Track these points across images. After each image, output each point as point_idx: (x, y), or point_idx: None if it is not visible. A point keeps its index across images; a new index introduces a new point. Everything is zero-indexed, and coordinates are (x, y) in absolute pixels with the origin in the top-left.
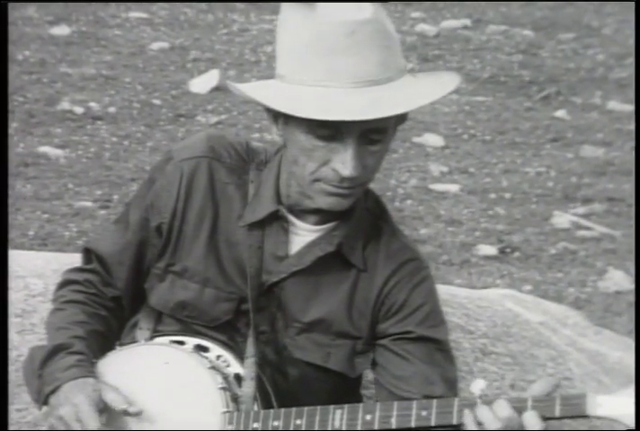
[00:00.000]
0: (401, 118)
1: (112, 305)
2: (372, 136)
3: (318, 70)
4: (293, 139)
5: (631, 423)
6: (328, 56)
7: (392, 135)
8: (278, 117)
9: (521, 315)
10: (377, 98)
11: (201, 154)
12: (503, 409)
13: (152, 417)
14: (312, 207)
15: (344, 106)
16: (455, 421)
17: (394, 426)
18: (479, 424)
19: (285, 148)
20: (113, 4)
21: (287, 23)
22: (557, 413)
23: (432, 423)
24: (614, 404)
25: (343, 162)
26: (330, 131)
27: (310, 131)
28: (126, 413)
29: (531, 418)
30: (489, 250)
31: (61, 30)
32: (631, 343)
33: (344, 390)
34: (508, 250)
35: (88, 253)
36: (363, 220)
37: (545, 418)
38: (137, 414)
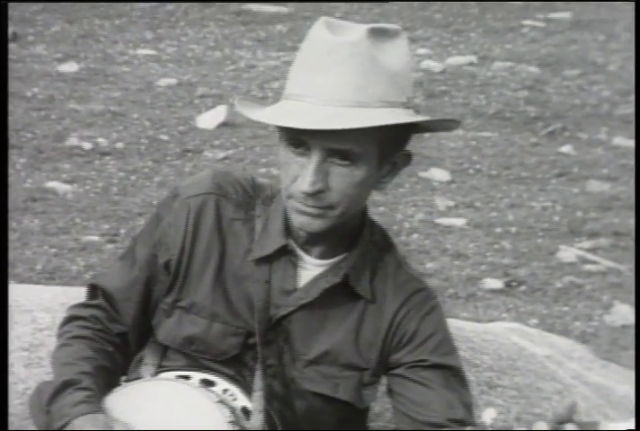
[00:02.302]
0: (387, 151)
1: (118, 341)
2: (337, 157)
3: (298, 85)
4: (279, 156)
5: None
6: (308, 72)
7: (371, 164)
8: (279, 139)
9: (527, 349)
10: (330, 114)
11: (208, 191)
12: None
13: None
14: (302, 235)
15: (295, 116)
16: None
17: None
18: None
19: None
20: (122, 42)
21: (306, 39)
22: None
23: None
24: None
25: (304, 176)
26: (301, 147)
27: (287, 145)
28: None
29: None
30: (495, 283)
31: (69, 67)
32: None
33: (351, 422)
34: (514, 283)
35: (94, 289)
36: (369, 252)
37: None
38: None
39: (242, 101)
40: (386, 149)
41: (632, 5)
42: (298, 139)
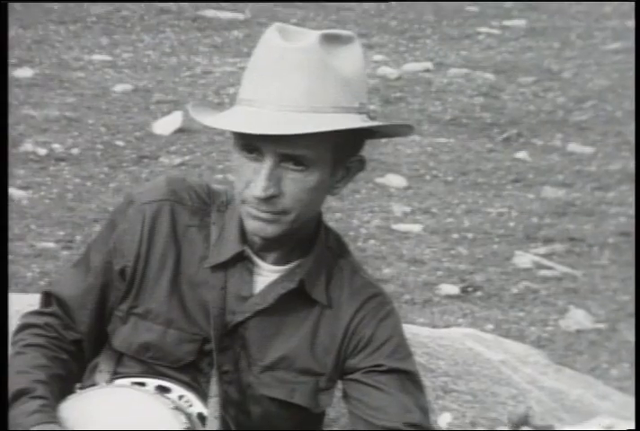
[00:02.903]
0: (340, 156)
1: (73, 349)
2: (290, 162)
3: (250, 91)
4: (232, 160)
5: None
6: (260, 78)
7: (324, 169)
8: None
9: (483, 354)
10: (281, 120)
11: (163, 198)
12: None
13: None
14: (256, 240)
15: (245, 121)
16: None
17: None
18: None
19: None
20: (77, 47)
21: (259, 44)
22: None
23: None
24: None
25: (256, 182)
26: (254, 152)
27: (241, 150)
28: None
29: None
30: (451, 289)
31: (24, 73)
32: (592, 381)
33: (306, 427)
34: (470, 289)
35: (48, 296)
36: (324, 258)
37: None
38: None
39: (195, 107)
40: (339, 154)
41: (586, 13)
42: (251, 145)
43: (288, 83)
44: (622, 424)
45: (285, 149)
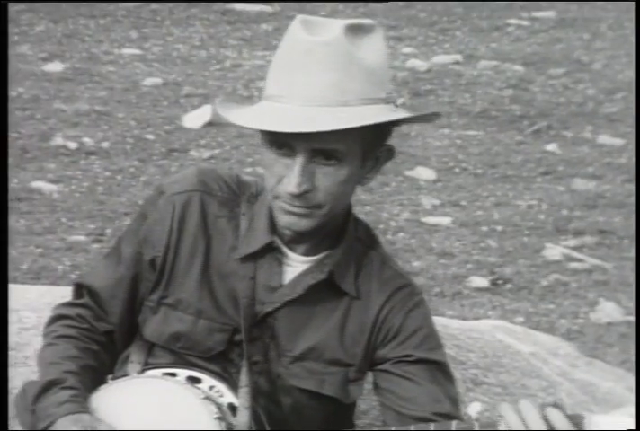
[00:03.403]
0: (370, 147)
1: (104, 340)
2: (322, 156)
3: (277, 86)
4: (263, 156)
5: None
6: (286, 73)
7: (354, 162)
8: (261, 139)
9: (513, 346)
10: (312, 116)
11: (193, 188)
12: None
13: None
14: (287, 233)
15: (277, 119)
16: None
17: None
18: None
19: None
20: (107, 41)
21: (285, 38)
22: None
23: None
24: (609, 422)
25: (290, 178)
26: (284, 148)
27: (270, 146)
28: None
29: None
30: (481, 282)
31: (55, 67)
32: (622, 373)
33: (337, 418)
34: (500, 281)
35: (80, 288)
36: (354, 249)
37: None
38: None
39: (222, 103)
40: (368, 145)
41: (616, 4)
42: (281, 141)
43: (315, 77)
44: None
45: (317, 144)
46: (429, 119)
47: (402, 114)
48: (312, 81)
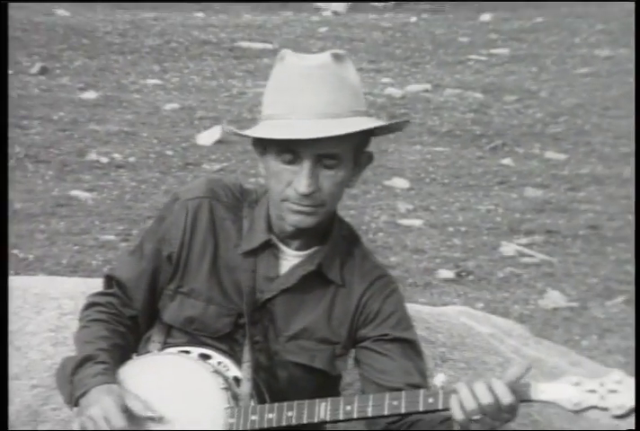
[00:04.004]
0: (358, 153)
1: (130, 323)
2: (326, 160)
3: (281, 106)
4: (268, 167)
5: (567, 406)
6: (289, 94)
7: (348, 165)
8: (261, 153)
9: (474, 328)
10: (318, 126)
11: (203, 195)
12: (482, 389)
13: (167, 417)
14: (289, 230)
15: (287, 129)
16: (421, 408)
17: (370, 415)
18: (462, 407)
19: (268, 182)
20: (133, 73)
21: (276, 68)
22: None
23: (402, 410)
24: (553, 390)
25: (300, 180)
26: (291, 156)
27: (277, 157)
28: (147, 417)
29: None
30: (447, 274)
31: (90, 95)
32: (565, 351)
33: (326, 388)
34: (463, 274)
35: (109, 279)
36: (339, 245)
37: None
38: (159, 420)
39: (227, 127)
40: (357, 151)
41: (560, 42)
42: (290, 149)
43: (314, 95)
44: (587, 382)
45: (321, 150)
46: (402, 127)
47: (389, 121)
48: (311, 98)
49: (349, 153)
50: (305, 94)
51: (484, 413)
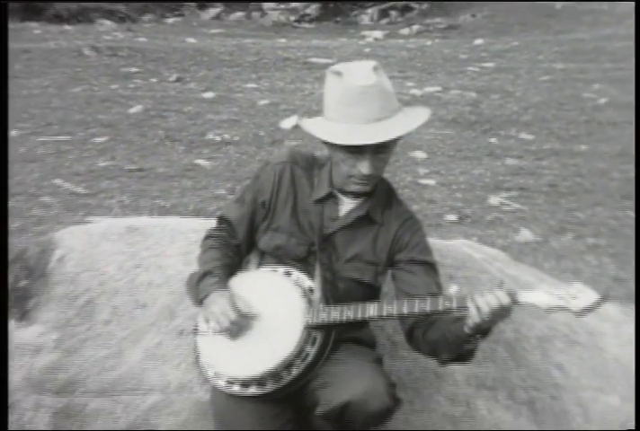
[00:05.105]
0: (396, 140)
1: (235, 249)
2: (380, 149)
3: (343, 114)
4: (334, 152)
5: (542, 307)
6: (349, 105)
7: (393, 148)
8: (326, 142)
9: (471, 255)
10: (377, 130)
11: (286, 160)
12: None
13: (261, 315)
14: (348, 191)
15: (359, 136)
16: (440, 308)
17: (405, 313)
18: (477, 308)
19: (332, 158)
20: (238, 80)
21: (328, 85)
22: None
23: (427, 309)
24: (533, 296)
25: (363, 166)
26: (355, 149)
27: (343, 149)
28: (249, 314)
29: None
30: (452, 218)
31: (208, 95)
32: (535, 271)
33: (370, 296)
34: (463, 217)
35: (221, 219)
36: (381, 196)
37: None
38: (256, 315)
39: (304, 120)
40: (397, 139)
41: (528, 60)
42: (355, 147)
43: (369, 106)
44: (556, 290)
45: (378, 145)
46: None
47: (421, 120)
48: (367, 109)
49: (393, 143)
50: (362, 106)
51: (492, 313)
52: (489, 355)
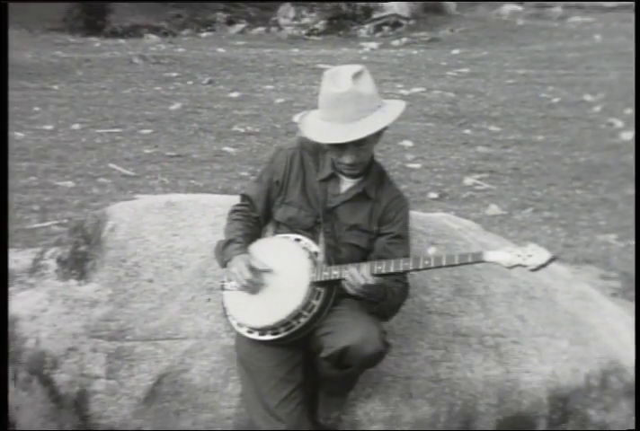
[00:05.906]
0: (379, 132)
1: (255, 221)
2: (360, 143)
3: (327, 114)
4: (325, 145)
5: (504, 264)
6: (329, 107)
7: (374, 140)
8: None
9: (449, 226)
10: (351, 130)
11: (297, 146)
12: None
13: (275, 272)
14: (344, 172)
15: (335, 134)
16: (420, 267)
17: (392, 271)
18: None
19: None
20: (259, 82)
21: (321, 87)
22: (457, 261)
23: (410, 268)
24: (496, 255)
25: (346, 157)
26: (338, 144)
27: (328, 143)
28: (264, 270)
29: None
30: (434, 195)
31: (234, 94)
32: (501, 238)
33: (364, 258)
34: (443, 195)
35: (243, 196)
36: (375, 176)
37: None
38: (269, 270)
39: (301, 117)
40: (379, 131)
41: (496, 67)
42: (336, 143)
43: (346, 108)
44: (515, 250)
45: (357, 141)
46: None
47: (391, 116)
48: (345, 110)
49: (373, 136)
50: (339, 108)
51: (348, 284)
52: (464, 308)
